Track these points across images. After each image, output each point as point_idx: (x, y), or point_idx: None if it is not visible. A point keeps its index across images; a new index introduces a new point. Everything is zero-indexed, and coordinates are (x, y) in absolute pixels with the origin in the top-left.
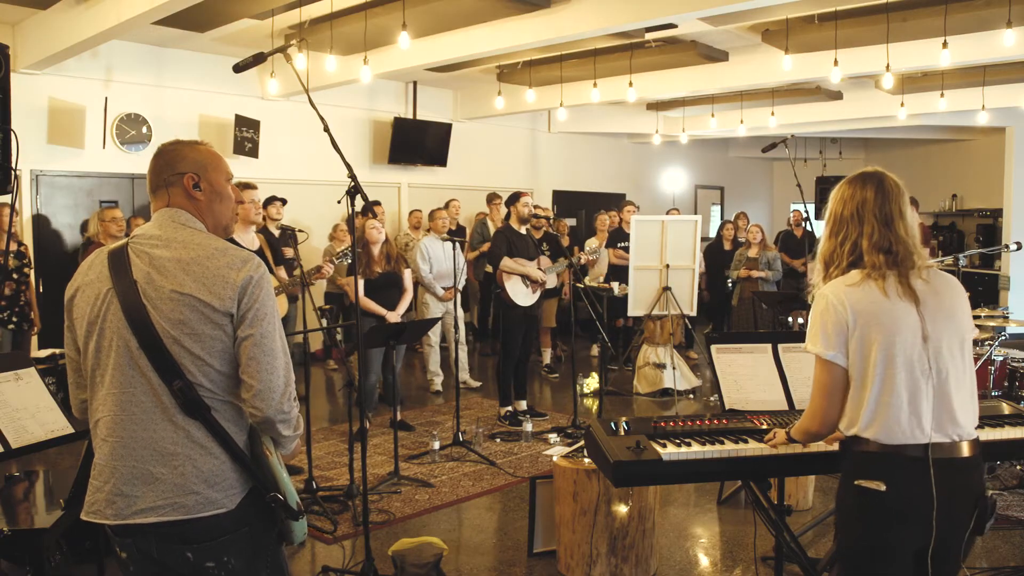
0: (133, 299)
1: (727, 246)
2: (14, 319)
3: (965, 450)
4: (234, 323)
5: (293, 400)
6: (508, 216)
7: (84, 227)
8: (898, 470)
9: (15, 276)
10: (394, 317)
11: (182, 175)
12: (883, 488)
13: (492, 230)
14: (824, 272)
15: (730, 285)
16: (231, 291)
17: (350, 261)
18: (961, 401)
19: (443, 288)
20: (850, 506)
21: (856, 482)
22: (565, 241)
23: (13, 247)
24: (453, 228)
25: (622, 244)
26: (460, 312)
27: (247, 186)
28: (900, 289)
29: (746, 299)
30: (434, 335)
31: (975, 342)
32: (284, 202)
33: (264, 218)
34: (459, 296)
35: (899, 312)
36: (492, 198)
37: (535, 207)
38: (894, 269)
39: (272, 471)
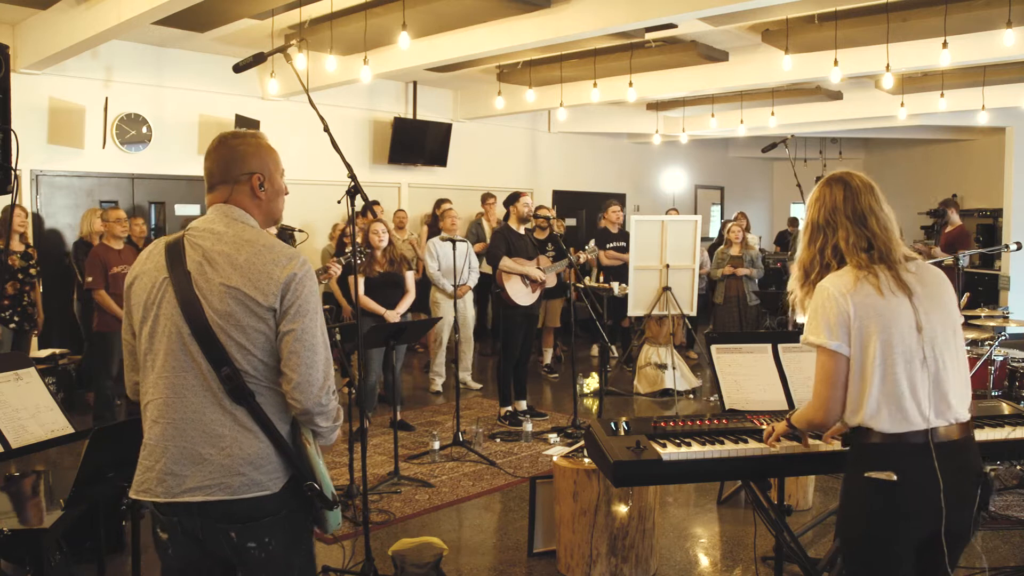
0: (186, 289)
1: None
2: (16, 318)
3: (956, 432)
4: (277, 318)
5: (332, 393)
6: (508, 216)
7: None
8: (905, 458)
9: (20, 276)
10: (393, 316)
11: (250, 175)
12: (894, 478)
13: (487, 229)
14: (804, 279)
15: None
16: (275, 287)
17: (359, 262)
18: (954, 386)
19: (452, 286)
20: (861, 499)
21: (866, 474)
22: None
23: (21, 248)
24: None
25: (611, 245)
26: (471, 311)
27: None
28: (893, 283)
29: (731, 297)
30: (444, 333)
31: (975, 342)
32: None
33: None
34: (470, 295)
35: (894, 305)
36: (486, 198)
37: (539, 207)
38: (882, 264)
39: (310, 461)
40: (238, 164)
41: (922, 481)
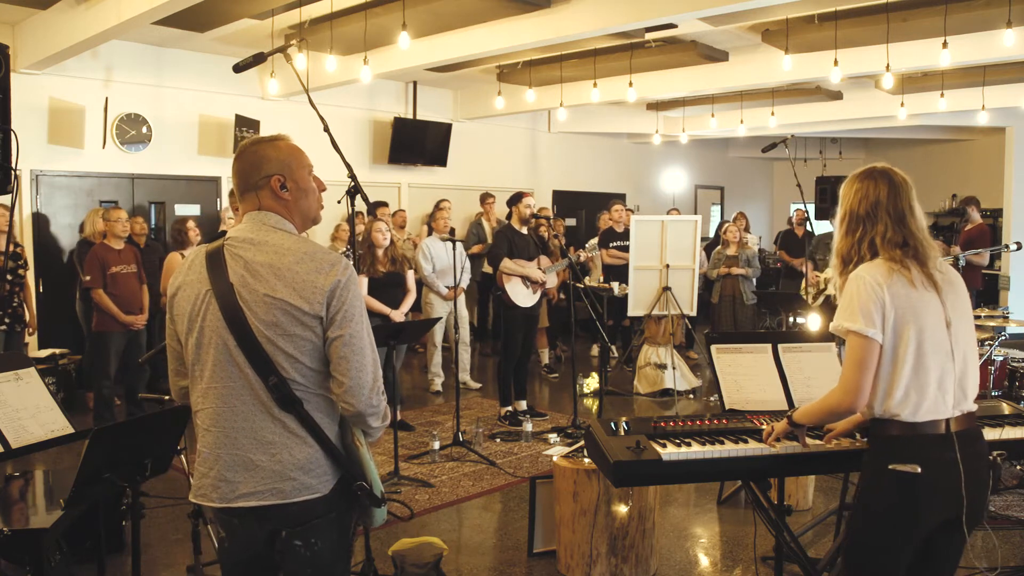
0: (230, 301)
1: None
2: (6, 320)
3: (969, 421)
4: (323, 325)
5: (381, 394)
6: (510, 216)
7: (83, 227)
8: (927, 449)
9: (9, 277)
10: (398, 316)
11: (269, 177)
12: (919, 470)
13: (487, 230)
14: (842, 268)
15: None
16: (320, 295)
17: (359, 262)
18: (971, 379)
19: (446, 287)
20: (882, 491)
21: (890, 466)
22: (560, 241)
23: (9, 248)
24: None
25: (614, 244)
26: (464, 312)
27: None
28: (924, 279)
29: (726, 296)
30: (437, 334)
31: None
32: None
33: None
34: (463, 295)
35: (927, 299)
36: (485, 197)
37: (540, 209)
38: (914, 261)
39: (361, 461)
40: (257, 169)
41: (944, 470)
